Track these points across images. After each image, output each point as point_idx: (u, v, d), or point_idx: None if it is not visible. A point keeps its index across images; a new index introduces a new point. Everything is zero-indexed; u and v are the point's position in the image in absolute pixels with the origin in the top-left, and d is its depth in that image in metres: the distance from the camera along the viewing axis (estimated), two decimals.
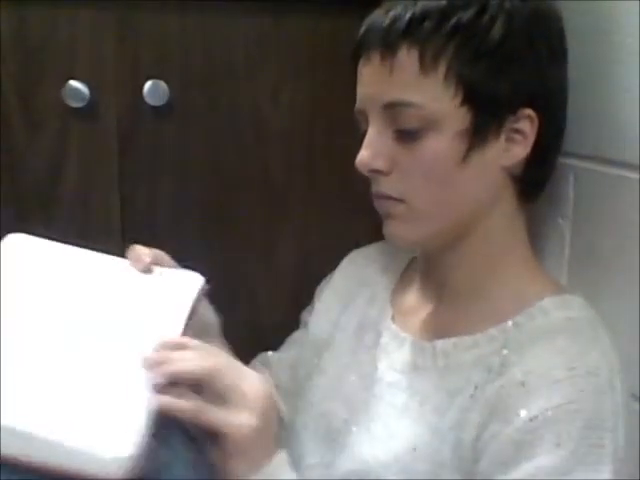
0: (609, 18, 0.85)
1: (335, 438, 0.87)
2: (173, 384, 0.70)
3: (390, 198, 0.80)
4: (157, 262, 0.84)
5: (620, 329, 0.80)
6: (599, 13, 0.87)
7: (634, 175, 0.81)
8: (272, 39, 1.15)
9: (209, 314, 0.92)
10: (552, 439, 0.69)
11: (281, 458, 0.75)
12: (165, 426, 0.69)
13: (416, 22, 0.76)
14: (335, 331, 0.97)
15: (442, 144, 0.77)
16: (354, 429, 0.85)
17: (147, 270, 0.82)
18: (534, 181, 0.84)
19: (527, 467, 0.70)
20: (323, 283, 1.05)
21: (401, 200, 0.80)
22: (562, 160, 0.88)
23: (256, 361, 1.05)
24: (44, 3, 1.08)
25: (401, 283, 0.94)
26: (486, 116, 0.77)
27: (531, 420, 0.71)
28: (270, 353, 1.06)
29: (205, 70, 1.14)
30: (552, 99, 0.82)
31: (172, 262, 0.87)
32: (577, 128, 0.87)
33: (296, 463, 0.89)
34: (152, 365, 0.71)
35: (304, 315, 1.06)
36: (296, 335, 1.06)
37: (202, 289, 0.83)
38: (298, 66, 1.16)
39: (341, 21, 1.13)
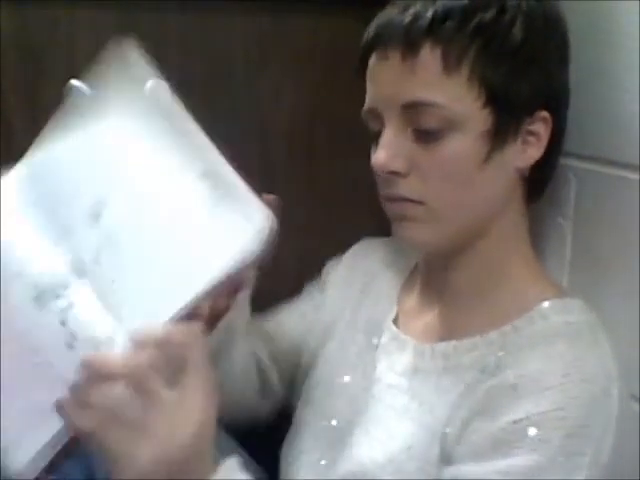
0: (609, 18, 0.85)
1: (338, 437, 0.87)
2: None
3: (408, 200, 0.78)
4: None
5: (620, 329, 0.80)
6: (599, 13, 0.87)
7: (635, 176, 0.80)
8: (272, 39, 1.15)
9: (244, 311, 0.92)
10: (531, 443, 0.69)
11: None
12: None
13: (439, 21, 0.75)
14: (338, 322, 0.96)
15: (464, 145, 0.76)
16: (356, 431, 0.85)
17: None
18: (539, 181, 0.84)
19: (500, 464, 0.70)
20: (330, 265, 1.03)
21: (420, 202, 0.78)
22: (563, 161, 0.88)
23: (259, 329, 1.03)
24: (44, 3, 1.08)
25: (409, 282, 0.94)
26: (507, 118, 0.77)
27: (515, 422, 0.70)
28: (270, 324, 1.04)
29: (205, 70, 1.14)
30: (561, 100, 0.82)
31: None
32: (578, 129, 0.87)
33: (295, 459, 0.91)
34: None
35: (308, 286, 1.04)
36: (298, 305, 1.04)
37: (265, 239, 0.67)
38: (298, 66, 1.16)
39: (341, 21, 1.13)
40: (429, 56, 0.75)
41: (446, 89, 0.75)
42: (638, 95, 0.80)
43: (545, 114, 0.78)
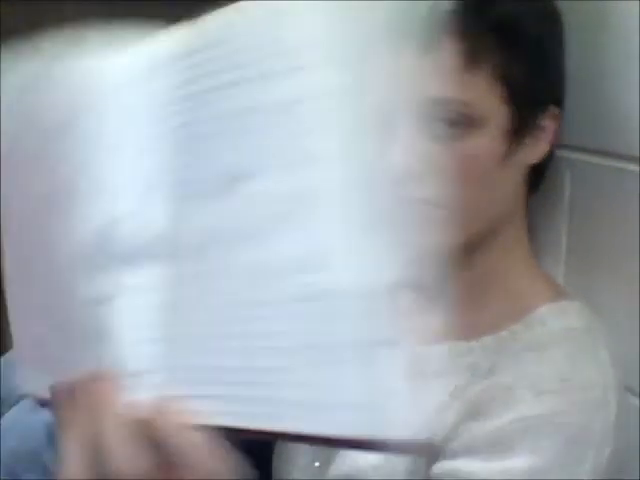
0: (608, 8, 0.84)
1: None
2: None
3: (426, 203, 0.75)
4: None
5: (618, 324, 0.79)
6: (598, 3, 0.85)
7: (634, 167, 0.79)
8: None
9: None
10: (529, 446, 0.69)
11: None
12: None
13: (457, 14, 0.72)
14: None
15: (485, 143, 0.74)
16: None
17: None
18: (539, 176, 0.83)
19: (497, 465, 0.69)
20: None
21: (439, 204, 0.74)
22: (558, 153, 0.87)
23: None
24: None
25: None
26: (526, 114, 0.76)
27: (511, 423, 0.70)
28: None
29: None
30: (564, 94, 0.81)
31: None
32: (573, 120, 0.85)
33: (288, 460, 0.90)
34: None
35: None
36: None
37: None
38: None
39: None
40: (449, 52, 0.72)
41: (467, 86, 0.73)
42: (637, 84, 0.78)
43: (554, 109, 0.78)
